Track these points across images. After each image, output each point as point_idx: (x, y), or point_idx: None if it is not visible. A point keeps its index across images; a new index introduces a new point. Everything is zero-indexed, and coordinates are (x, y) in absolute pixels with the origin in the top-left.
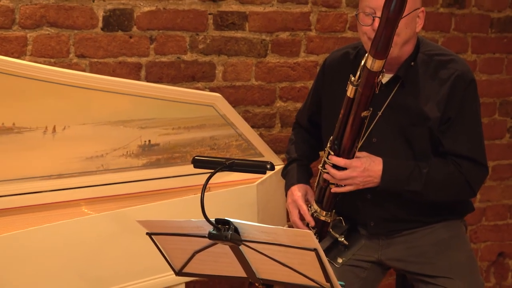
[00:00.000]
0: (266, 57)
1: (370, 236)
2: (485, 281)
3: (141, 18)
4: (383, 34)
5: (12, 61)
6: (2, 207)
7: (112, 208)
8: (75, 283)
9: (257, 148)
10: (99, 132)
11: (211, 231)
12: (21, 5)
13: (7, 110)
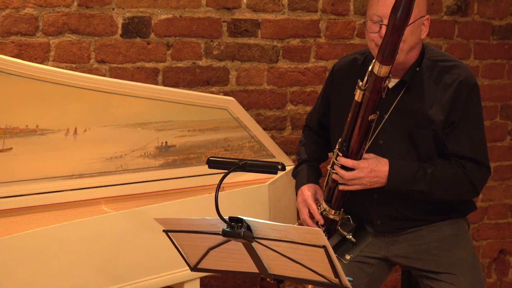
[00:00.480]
0: (278, 63)
1: (376, 234)
2: (487, 277)
3: (159, 26)
4: (389, 41)
5: (36, 66)
6: (27, 205)
7: (131, 207)
8: (95, 278)
9: (268, 149)
10: (118, 134)
11: (224, 229)
12: (44, 13)
13: (30, 113)
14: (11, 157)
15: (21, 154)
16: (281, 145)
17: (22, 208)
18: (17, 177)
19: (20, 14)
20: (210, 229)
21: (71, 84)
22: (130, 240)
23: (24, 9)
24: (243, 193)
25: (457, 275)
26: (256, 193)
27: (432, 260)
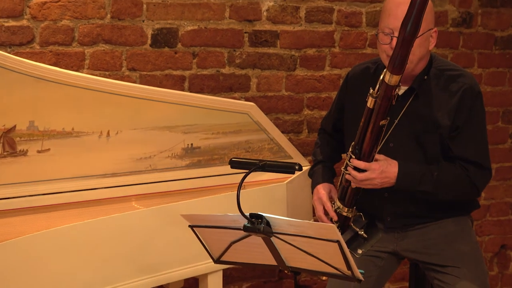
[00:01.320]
0: (295, 71)
1: (386, 230)
2: (489, 270)
3: (185, 36)
4: (399, 53)
5: (72, 74)
6: (64, 202)
7: (159, 204)
8: (127, 268)
9: (286, 151)
10: (147, 137)
11: (246, 224)
12: (80, 24)
13: (67, 117)
14: (49, 157)
15: (58, 154)
16: (298, 147)
17: (60, 204)
18: (54, 175)
19: (58, 26)
20: (232, 224)
21: (104, 90)
22: (159, 234)
23: (62, 21)
24: (262, 192)
25: (461, 268)
26: (274, 191)
27: (438, 254)
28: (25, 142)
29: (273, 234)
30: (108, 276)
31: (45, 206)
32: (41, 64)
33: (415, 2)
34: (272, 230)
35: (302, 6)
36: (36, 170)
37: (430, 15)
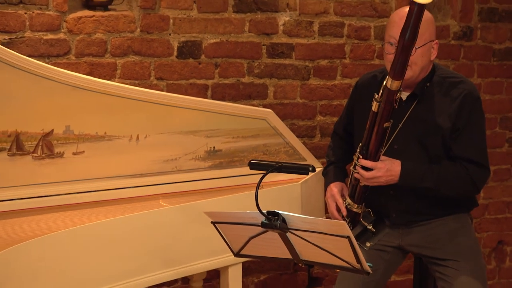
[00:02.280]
0: (309, 80)
1: (392, 226)
2: (487, 264)
3: (208, 48)
4: (399, 59)
5: (105, 82)
6: (97, 200)
7: (184, 202)
8: (154, 261)
9: (301, 153)
10: (173, 140)
11: (263, 221)
12: (112, 37)
13: (100, 122)
14: (83, 159)
15: (91, 156)
16: (312, 150)
17: (93, 202)
18: (88, 176)
19: (92, 39)
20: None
21: (134, 97)
22: (184, 230)
23: (95, 34)
24: (279, 191)
25: (461, 262)
26: (290, 190)
27: (440, 249)
28: (61, 145)
29: (288, 230)
30: (138, 268)
31: (80, 203)
32: (76, 74)
33: (412, 12)
34: (288, 227)
35: (316, 20)
36: (72, 170)
37: (432, 28)
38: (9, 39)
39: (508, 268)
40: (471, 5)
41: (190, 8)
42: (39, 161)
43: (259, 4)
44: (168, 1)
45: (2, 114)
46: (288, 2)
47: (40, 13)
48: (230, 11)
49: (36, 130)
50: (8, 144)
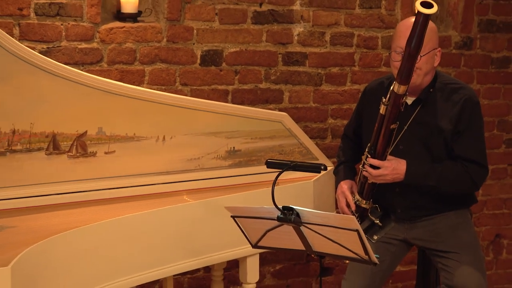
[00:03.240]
0: (321, 86)
1: (397, 220)
2: (485, 256)
3: (229, 57)
4: (405, 66)
5: (134, 88)
6: (126, 195)
7: (206, 197)
8: (179, 252)
9: (313, 153)
10: (196, 141)
11: (279, 215)
12: (141, 47)
13: (129, 124)
14: (115, 158)
15: (122, 155)
16: (323, 150)
17: (123, 197)
18: (118, 173)
19: (122, 48)
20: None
21: (161, 102)
22: (206, 223)
23: (126, 43)
24: (293, 188)
25: (461, 254)
26: (303, 187)
27: (442, 242)
28: (94, 145)
29: (302, 223)
30: (165, 257)
31: (111, 199)
32: (108, 80)
33: (417, 23)
34: (301, 221)
35: (327, 31)
36: (103, 168)
37: (435, 37)
38: (47, 48)
39: (505, 260)
40: (471, 17)
41: (212, 20)
42: (73, 160)
43: (276, 16)
44: (192, 13)
45: (40, 116)
46: (302, 14)
47: (75, 25)
48: (249, 23)
49: (71, 131)
50: (45, 144)
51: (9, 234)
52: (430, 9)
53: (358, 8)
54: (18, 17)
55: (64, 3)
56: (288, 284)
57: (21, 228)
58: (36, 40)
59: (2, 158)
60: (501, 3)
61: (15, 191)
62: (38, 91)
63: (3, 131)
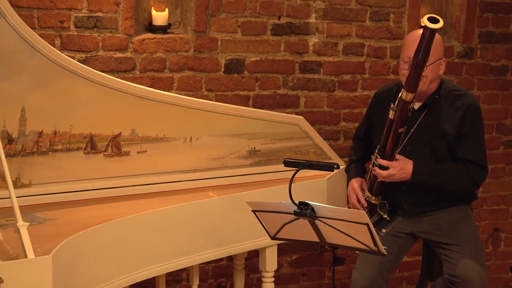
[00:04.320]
0: (334, 92)
1: (404, 215)
2: (485, 248)
3: (250, 65)
4: (413, 75)
5: (164, 93)
6: (157, 191)
7: (229, 193)
8: (204, 243)
9: (327, 153)
10: (220, 142)
11: (295, 210)
12: (170, 56)
13: (160, 126)
14: (146, 157)
15: (153, 155)
16: (336, 150)
17: (153, 193)
18: (150, 171)
19: (154, 57)
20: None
21: (188, 106)
22: (229, 216)
23: (156, 53)
24: (308, 185)
25: (463, 246)
26: (318, 184)
27: (445, 235)
28: (128, 145)
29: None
30: (192, 247)
31: (142, 194)
32: (140, 86)
33: (424, 36)
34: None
35: (340, 42)
36: (136, 166)
37: (440, 48)
38: (85, 57)
39: (503, 252)
40: (472, 29)
41: (235, 32)
42: (109, 159)
43: (293, 28)
44: (217, 26)
45: (79, 119)
46: (317, 26)
47: (111, 36)
48: (269, 34)
49: (107, 132)
50: (84, 144)
51: (50, 226)
52: (436, 24)
53: (368, 20)
54: (59, 29)
55: (101, 16)
56: (303, 272)
57: (60, 220)
58: (75, 50)
59: (45, 157)
60: (500, 16)
61: (55, 186)
62: (77, 96)
63: (45, 132)
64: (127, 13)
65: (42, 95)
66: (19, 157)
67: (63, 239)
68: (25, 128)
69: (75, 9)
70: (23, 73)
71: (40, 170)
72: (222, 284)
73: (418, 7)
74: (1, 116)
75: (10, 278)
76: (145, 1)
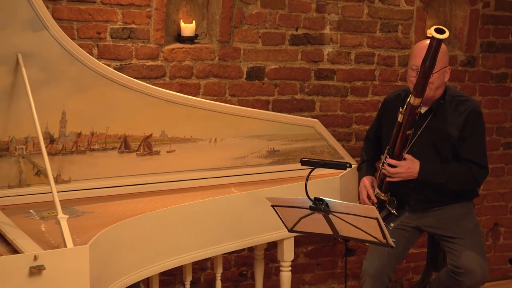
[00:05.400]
0: (347, 97)
1: (411, 211)
2: (485, 241)
3: (270, 72)
4: (420, 82)
5: (191, 98)
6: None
7: (250, 189)
8: (227, 235)
9: (340, 153)
10: (242, 142)
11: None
12: (197, 64)
13: (187, 128)
14: (175, 156)
15: (181, 154)
16: (348, 151)
17: (181, 188)
18: (178, 168)
19: (182, 65)
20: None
21: (213, 109)
22: (250, 211)
23: (184, 61)
24: (323, 182)
25: (465, 239)
26: (331, 182)
27: (448, 229)
28: (158, 145)
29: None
30: (216, 239)
31: (171, 190)
32: (170, 91)
33: (432, 45)
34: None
35: (352, 51)
36: (165, 164)
37: (446, 57)
38: (120, 65)
39: (502, 245)
40: (474, 39)
41: (256, 42)
42: (141, 157)
43: (309, 38)
44: (240, 36)
45: (114, 121)
46: (331, 37)
47: (143, 46)
48: (287, 44)
49: (139, 133)
50: (118, 144)
51: (87, 218)
52: (442, 35)
53: (378, 32)
54: (96, 39)
55: (134, 28)
56: (318, 262)
57: (97, 213)
58: (111, 58)
59: (83, 156)
60: (500, 28)
61: (92, 182)
62: (112, 101)
63: (83, 133)
64: (158, 25)
65: (81, 99)
66: (59, 156)
67: (99, 231)
68: (65, 129)
69: (111, 22)
70: (63, 79)
71: (78, 167)
72: (243, 272)
73: (424, 19)
74: (43, 118)
75: (52, 265)
76: (174, 14)
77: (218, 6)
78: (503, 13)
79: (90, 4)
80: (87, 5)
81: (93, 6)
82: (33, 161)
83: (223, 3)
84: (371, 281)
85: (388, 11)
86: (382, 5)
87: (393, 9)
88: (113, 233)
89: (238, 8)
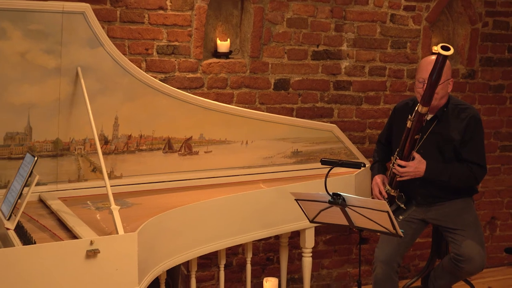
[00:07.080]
0: (361, 105)
1: (418, 205)
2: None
3: (294, 83)
4: (427, 93)
5: (226, 106)
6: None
7: (277, 185)
8: (256, 224)
9: (355, 155)
10: (270, 144)
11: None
12: (231, 76)
13: (222, 131)
14: (211, 156)
15: (217, 154)
16: (363, 152)
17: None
18: (214, 167)
19: (218, 77)
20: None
21: (245, 116)
22: (276, 203)
23: (220, 74)
24: (340, 179)
25: (466, 231)
26: (348, 179)
27: (451, 221)
28: (197, 146)
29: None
30: (246, 228)
31: (208, 185)
32: (207, 100)
33: (437, 61)
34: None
35: (366, 65)
36: (203, 163)
37: (449, 70)
38: (165, 77)
39: (498, 236)
40: (474, 54)
41: (282, 57)
42: (182, 157)
43: (329, 54)
44: (268, 52)
45: (159, 125)
46: (348, 53)
47: (185, 60)
48: (309, 59)
49: (181, 136)
50: (163, 145)
51: (136, 209)
52: (448, 51)
53: (389, 48)
54: (145, 55)
55: (177, 45)
56: (335, 249)
57: (144, 205)
58: (157, 71)
59: (133, 155)
60: (497, 45)
61: (140, 178)
62: (158, 108)
63: (133, 135)
64: (197, 43)
65: (131, 106)
66: (112, 155)
67: (146, 220)
68: (117, 132)
69: (157, 39)
70: (116, 89)
71: (128, 165)
72: (270, 257)
73: (430, 37)
74: (99, 123)
75: (105, 249)
76: (211, 32)
77: (249, 26)
78: (500, 32)
79: (139, 25)
80: (137, 25)
81: (142, 26)
82: (90, 159)
83: (254, 23)
84: (382, 266)
85: (398, 30)
86: (393, 24)
87: (403, 28)
88: (158, 222)
89: (267, 27)
